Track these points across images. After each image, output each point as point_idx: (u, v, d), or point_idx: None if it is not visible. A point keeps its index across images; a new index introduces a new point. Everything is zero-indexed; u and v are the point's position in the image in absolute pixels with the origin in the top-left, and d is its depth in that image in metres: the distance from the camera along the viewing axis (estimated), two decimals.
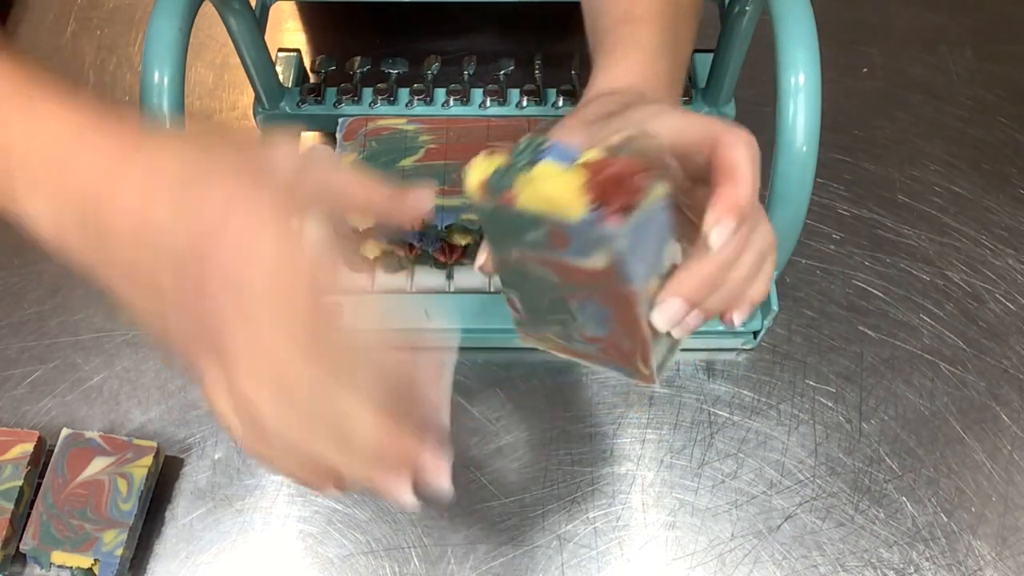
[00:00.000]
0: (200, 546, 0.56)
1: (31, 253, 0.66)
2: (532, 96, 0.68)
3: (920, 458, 0.58)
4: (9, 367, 0.62)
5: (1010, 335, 0.62)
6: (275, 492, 0.57)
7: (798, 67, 0.44)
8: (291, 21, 0.79)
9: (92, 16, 0.78)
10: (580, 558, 0.55)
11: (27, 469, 0.55)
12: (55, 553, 0.53)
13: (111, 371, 0.62)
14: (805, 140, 0.44)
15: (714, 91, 0.67)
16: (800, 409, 0.60)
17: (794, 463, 0.58)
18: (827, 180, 0.69)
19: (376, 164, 0.60)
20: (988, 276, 0.65)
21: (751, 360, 0.62)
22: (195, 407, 0.60)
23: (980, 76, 0.75)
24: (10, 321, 0.64)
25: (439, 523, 0.56)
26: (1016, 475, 0.58)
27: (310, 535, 0.56)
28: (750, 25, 0.60)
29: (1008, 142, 0.71)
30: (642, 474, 0.58)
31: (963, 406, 0.60)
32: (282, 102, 0.69)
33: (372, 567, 0.55)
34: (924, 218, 0.67)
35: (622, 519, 0.56)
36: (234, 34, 0.61)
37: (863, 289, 0.64)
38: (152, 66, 0.47)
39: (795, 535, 0.56)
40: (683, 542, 0.56)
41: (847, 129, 0.71)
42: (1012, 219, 0.67)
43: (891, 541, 0.56)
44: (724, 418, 0.60)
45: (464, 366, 0.61)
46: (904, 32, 0.77)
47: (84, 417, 0.60)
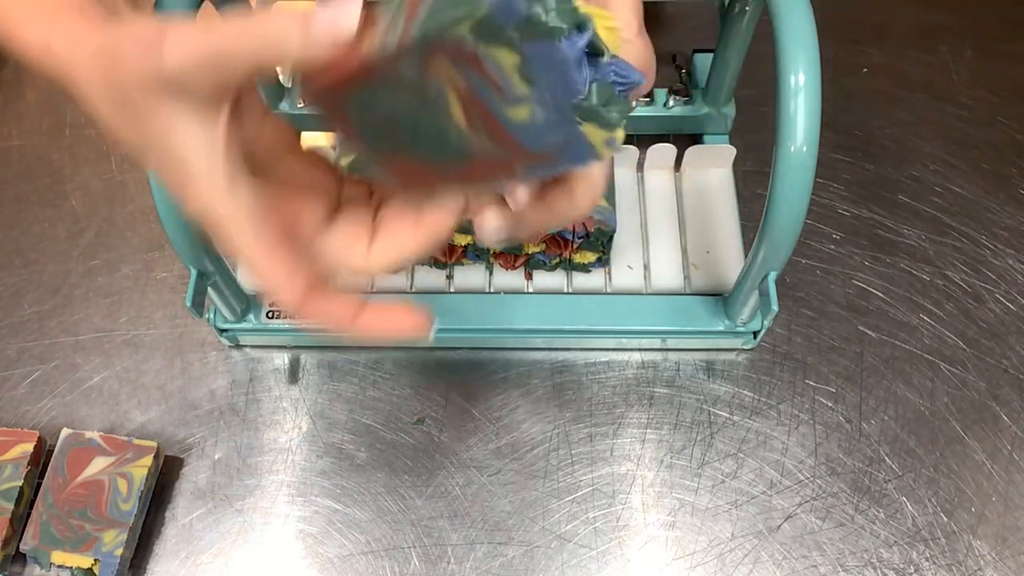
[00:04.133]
0: (200, 546, 0.56)
1: (31, 253, 0.66)
2: None
3: (920, 458, 0.58)
4: (9, 367, 0.62)
5: (1010, 335, 0.62)
6: (275, 492, 0.57)
7: (798, 67, 0.44)
8: None
9: None
10: (580, 558, 0.55)
11: (27, 469, 0.55)
12: (55, 553, 0.53)
13: (111, 371, 0.62)
14: (805, 140, 0.44)
15: (714, 91, 0.67)
16: (800, 409, 0.60)
17: (794, 463, 0.58)
18: (827, 180, 0.69)
19: None
20: (988, 276, 0.65)
21: (751, 360, 0.62)
22: (195, 407, 0.60)
23: (980, 76, 0.75)
24: (10, 321, 0.64)
25: (439, 523, 0.56)
26: (1016, 475, 0.58)
27: (310, 535, 0.56)
28: (750, 25, 0.60)
29: (1008, 142, 0.71)
30: (642, 474, 0.58)
31: (963, 406, 0.60)
32: (282, 102, 0.69)
33: (372, 567, 0.55)
34: (924, 218, 0.67)
35: (622, 519, 0.56)
36: None
37: (863, 289, 0.64)
38: None
39: (795, 535, 0.56)
40: (683, 542, 0.56)
41: (847, 129, 0.71)
42: (1012, 219, 0.67)
43: (891, 541, 0.56)
44: (724, 418, 0.60)
45: (464, 366, 0.61)
46: (904, 32, 0.77)
47: (84, 417, 0.60)
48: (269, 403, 0.60)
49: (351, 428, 0.59)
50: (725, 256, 0.62)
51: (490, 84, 0.28)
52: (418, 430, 0.59)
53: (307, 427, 0.59)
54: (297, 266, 0.33)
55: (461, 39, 0.26)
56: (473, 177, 0.32)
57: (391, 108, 0.29)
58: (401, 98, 0.29)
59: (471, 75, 0.27)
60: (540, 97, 0.28)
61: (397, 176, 0.34)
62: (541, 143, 0.29)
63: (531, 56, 0.27)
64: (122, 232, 0.67)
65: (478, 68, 0.27)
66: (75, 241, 0.67)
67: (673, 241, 0.63)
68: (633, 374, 0.61)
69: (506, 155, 0.30)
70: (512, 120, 0.29)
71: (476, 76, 0.27)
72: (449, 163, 0.31)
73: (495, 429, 0.59)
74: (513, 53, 0.27)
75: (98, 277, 0.65)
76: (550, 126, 0.29)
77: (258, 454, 0.59)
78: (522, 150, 0.30)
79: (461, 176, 0.32)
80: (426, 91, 0.28)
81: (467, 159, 0.31)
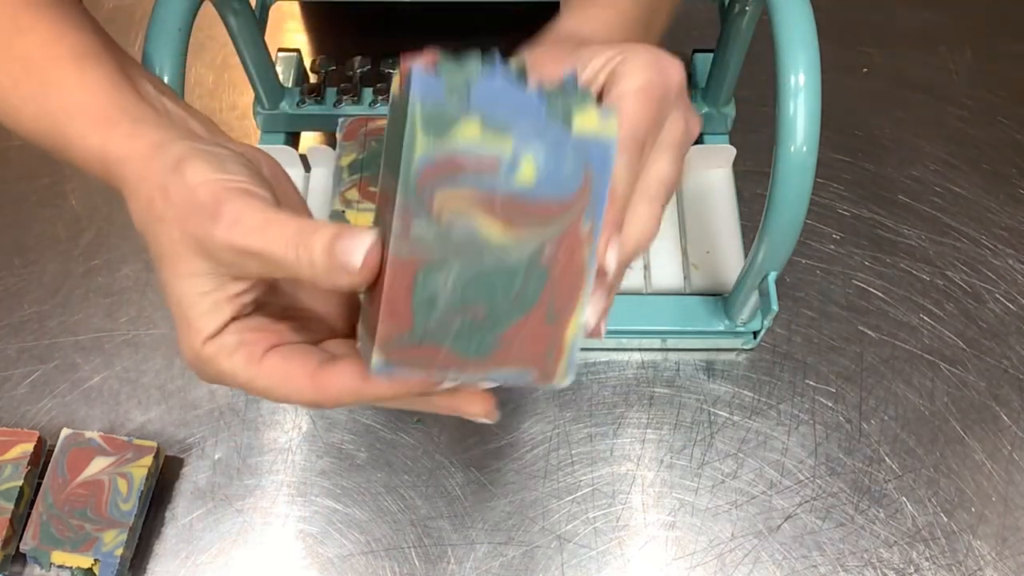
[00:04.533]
0: (200, 546, 0.56)
1: (31, 253, 0.66)
2: None
3: (920, 458, 0.58)
4: (9, 367, 0.62)
5: (1010, 335, 0.62)
6: (275, 492, 0.57)
7: (798, 67, 0.44)
8: (291, 21, 0.79)
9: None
10: (580, 558, 0.55)
11: (27, 469, 0.55)
12: (55, 553, 0.53)
13: (111, 371, 0.62)
14: (805, 140, 0.44)
15: (714, 91, 0.67)
16: (800, 409, 0.60)
17: (794, 463, 0.58)
18: (827, 180, 0.69)
19: (376, 164, 0.60)
20: (988, 276, 0.65)
21: (751, 360, 0.62)
22: (195, 407, 0.60)
23: (980, 76, 0.75)
24: (10, 321, 0.64)
25: (439, 523, 0.56)
26: (1016, 475, 0.58)
27: (310, 535, 0.56)
28: (750, 25, 0.60)
29: (1008, 142, 0.71)
30: (642, 474, 0.58)
31: (963, 406, 0.60)
32: (282, 102, 0.69)
33: (372, 567, 0.55)
34: (924, 218, 0.67)
35: (622, 519, 0.56)
36: (234, 34, 0.61)
37: (863, 289, 0.64)
38: (152, 66, 0.47)
39: (795, 535, 0.56)
40: (683, 542, 0.56)
41: (847, 129, 0.71)
42: (1012, 219, 0.67)
43: (891, 541, 0.56)
44: (724, 418, 0.60)
45: None
46: (904, 32, 0.77)
47: (84, 417, 0.60)
48: (269, 403, 0.60)
49: (351, 428, 0.59)
50: (725, 256, 0.62)
51: (483, 170, 0.27)
52: (418, 430, 0.59)
53: (307, 427, 0.59)
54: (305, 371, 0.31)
55: (426, 156, 0.27)
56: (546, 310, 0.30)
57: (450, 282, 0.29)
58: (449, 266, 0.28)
59: (465, 179, 0.27)
60: (522, 135, 0.28)
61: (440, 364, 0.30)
62: (566, 182, 0.29)
63: (482, 107, 0.27)
64: (122, 232, 0.67)
65: (464, 167, 0.27)
66: (75, 241, 0.67)
67: (673, 241, 0.63)
68: (633, 374, 0.61)
69: (563, 227, 0.29)
70: (527, 184, 0.28)
71: (469, 175, 0.27)
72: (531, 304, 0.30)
73: (495, 429, 0.59)
74: (470, 119, 0.27)
75: (98, 277, 0.65)
76: (555, 158, 0.28)
77: (258, 454, 0.59)
78: (560, 204, 0.29)
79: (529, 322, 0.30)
80: (455, 237, 0.28)
81: (543, 275, 0.29)
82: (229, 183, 0.30)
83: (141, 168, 0.32)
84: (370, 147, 0.61)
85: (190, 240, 0.30)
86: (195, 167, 0.30)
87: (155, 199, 0.31)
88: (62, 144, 0.35)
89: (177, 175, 0.30)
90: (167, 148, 0.31)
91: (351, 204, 0.58)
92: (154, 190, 0.31)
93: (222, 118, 0.73)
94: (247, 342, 0.31)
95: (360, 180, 0.59)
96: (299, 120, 0.70)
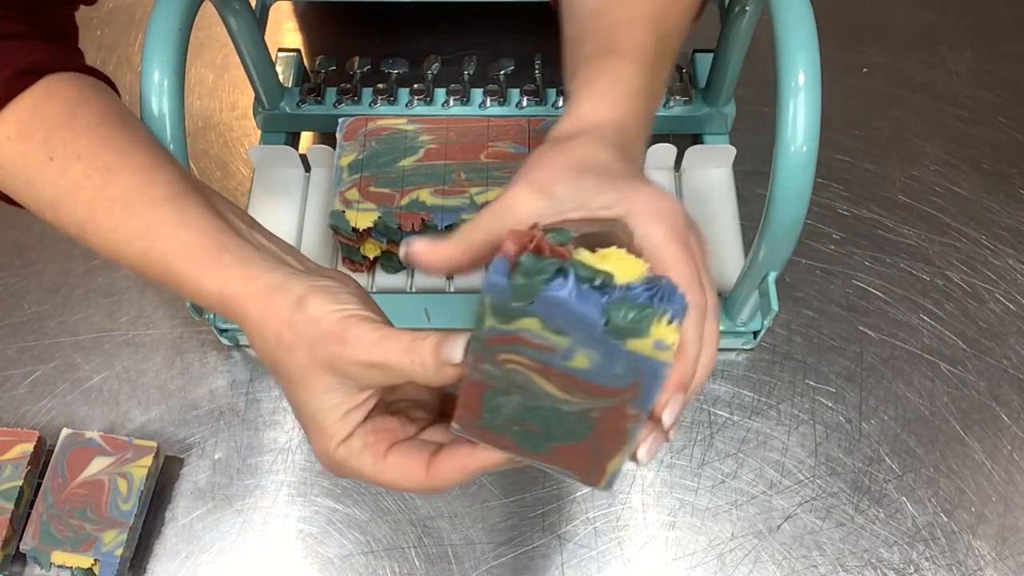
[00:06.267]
0: (200, 546, 0.56)
1: (31, 253, 0.66)
2: (532, 96, 0.68)
3: (920, 458, 0.58)
4: (9, 367, 0.62)
5: (1010, 335, 0.62)
6: (275, 492, 0.57)
7: (798, 67, 0.44)
8: (291, 21, 0.79)
9: (92, 16, 0.78)
10: (580, 558, 0.55)
11: (27, 469, 0.55)
12: (55, 553, 0.53)
13: (111, 371, 0.62)
14: (805, 140, 0.44)
15: (714, 91, 0.67)
16: (800, 409, 0.60)
17: (794, 463, 0.58)
18: (827, 180, 0.69)
19: (376, 164, 0.60)
20: (988, 276, 0.65)
21: (751, 360, 0.62)
22: (195, 407, 0.60)
23: (980, 76, 0.75)
24: (10, 321, 0.64)
25: (439, 523, 0.56)
26: (1016, 475, 0.58)
27: (310, 535, 0.56)
28: (750, 25, 0.60)
29: (1008, 142, 0.71)
30: (642, 474, 0.58)
31: (963, 406, 0.60)
32: (282, 102, 0.69)
33: (372, 567, 0.55)
34: (924, 218, 0.67)
35: (622, 519, 0.56)
36: (234, 34, 0.61)
37: (863, 289, 0.64)
38: (152, 66, 0.47)
39: (795, 535, 0.56)
40: (683, 542, 0.56)
41: (847, 129, 0.71)
42: (1012, 219, 0.67)
43: (891, 541, 0.56)
44: (724, 418, 0.60)
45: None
46: (904, 32, 0.77)
47: (84, 417, 0.60)
48: (269, 403, 0.60)
49: None
50: (725, 256, 0.62)
51: (544, 350, 0.31)
52: None
53: None
54: (419, 468, 0.37)
55: (493, 329, 0.31)
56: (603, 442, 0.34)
57: (512, 405, 0.33)
58: (511, 394, 0.33)
59: (527, 351, 0.31)
60: (579, 339, 0.30)
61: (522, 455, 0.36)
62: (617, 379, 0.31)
63: (543, 312, 0.30)
64: None
65: (524, 343, 0.31)
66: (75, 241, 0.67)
67: None
68: None
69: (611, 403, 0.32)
70: (580, 369, 0.31)
71: (530, 350, 0.31)
72: (580, 439, 0.34)
73: None
74: (531, 317, 0.30)
75: (98, 277, 0.65)
76: (608, 361, 0.31)
77: (258, 454, 0.59)
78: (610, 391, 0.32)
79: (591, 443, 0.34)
80: (517, 380, 0.32)
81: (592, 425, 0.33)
82: (346, 312, 0.35)
83: (262, 307, 0.36)
84: (370, 147, 0.61)
85: (320, 363, 0.35)
86: (316, 302, 0.36)
87: (283, 332, 0.36)
88: (175, 281, 0.39)
89: (301, 311, 0.36)
90: (286, 288, 0.36)
91: (351, 204, 0.58)
92: (282, 325, 0.36)
93: (222, 118, 0.73)
94: (370, 444, 0.37)
95: (360, 180, 0.59)
96: (299, 120, 0.70)
